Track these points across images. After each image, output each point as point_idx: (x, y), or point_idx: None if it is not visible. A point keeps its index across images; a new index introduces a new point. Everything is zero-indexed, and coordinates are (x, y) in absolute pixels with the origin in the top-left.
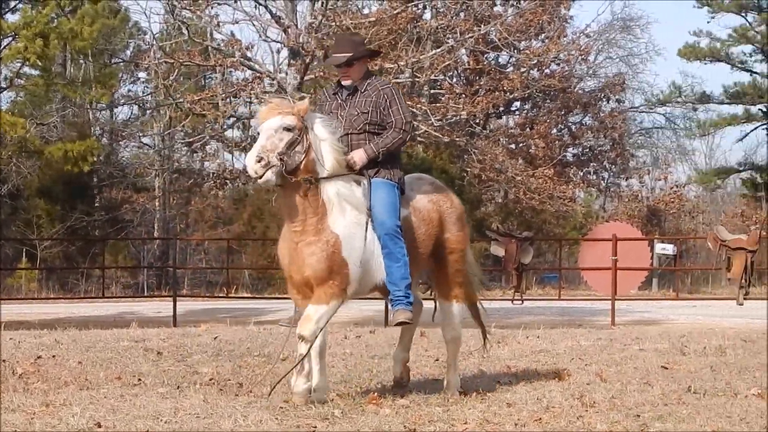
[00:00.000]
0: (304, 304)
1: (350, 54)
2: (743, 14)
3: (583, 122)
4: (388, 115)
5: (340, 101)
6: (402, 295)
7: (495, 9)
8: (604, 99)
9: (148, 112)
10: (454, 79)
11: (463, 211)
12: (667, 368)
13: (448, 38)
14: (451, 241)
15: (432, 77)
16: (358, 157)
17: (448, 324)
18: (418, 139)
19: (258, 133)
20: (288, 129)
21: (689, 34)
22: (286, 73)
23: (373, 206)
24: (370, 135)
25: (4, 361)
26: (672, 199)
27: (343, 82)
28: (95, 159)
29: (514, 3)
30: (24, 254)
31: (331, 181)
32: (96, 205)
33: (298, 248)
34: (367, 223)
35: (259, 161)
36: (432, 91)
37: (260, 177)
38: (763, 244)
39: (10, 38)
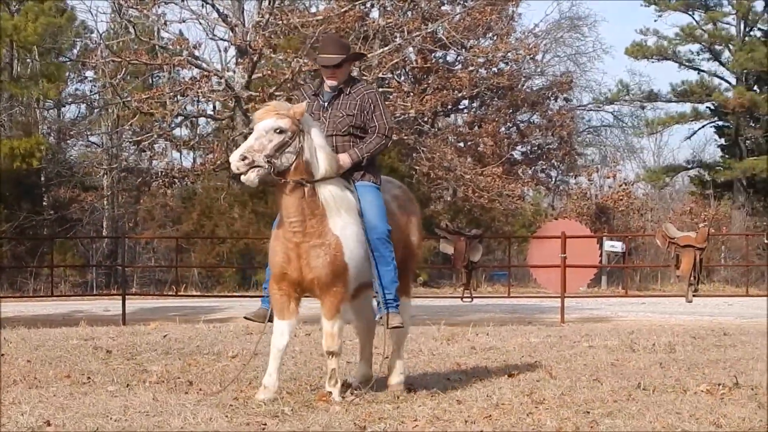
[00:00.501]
0: (281, 301)
1: (343, 56)
2: (690, 13)
3: (532, 120)
4: (371, 120)
5: (322, 102)
6: (392, 299)
7: (443, 7)
8: (552, 97)
9: (95, 111)
10: (402, 78)
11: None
12: (616, 365)
13: (396, 37)
14: (414, 245)
15: (380, 75)
16: (343, 160)
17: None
18: None
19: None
20: (280, 131)
21: (636, 32)
22: (234, 72)
23: (364, 210)
24: (354, 138)
25: None
26: (620, 197)
27: (329, 83)
28: (43, 155)
29: (462, 1)
30: None
31: (325, 184)
32: (44, 204)
33: (300, 249)
34: (358, 226)
35: (242, 159)
36: (380, 90)
37: (243, 174)
38: (712, 242)
39: None
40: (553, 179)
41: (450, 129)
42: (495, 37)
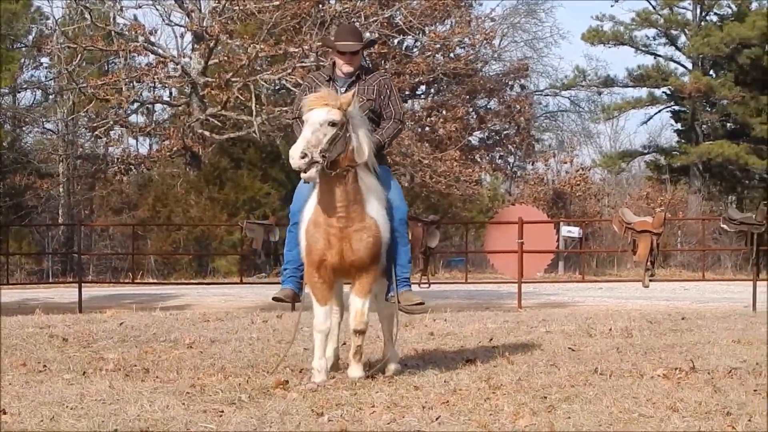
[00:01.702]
0: (321, 288)
1: (361, 43)
2: None
3: (489, 106)
4: (388, 106)
5: (338, 88)
6: (407, 277)
7: None
8: (509, 83)
9: (51, 97)
10: (361, 59)
11: None
12: (573, 350)
13: (353, 22)
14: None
15: None
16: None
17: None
18: None
19: (303, 123)
20: (332, 124)
21: (592, 18)
22: (190, 58)
23: (389, 194)
24: (371, 122)
25: None
26: (577, 182)
27: (346, 69)
28: None
29: None
30: None
31: (361, 169)
32: None
33: (343, 234)
34: (384, 209)
35: (303, 157)
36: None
37: (304, 172)
38: (668, 227)
39: None
40: (511, 165)
41: (407, 115)
42: (452, 23)
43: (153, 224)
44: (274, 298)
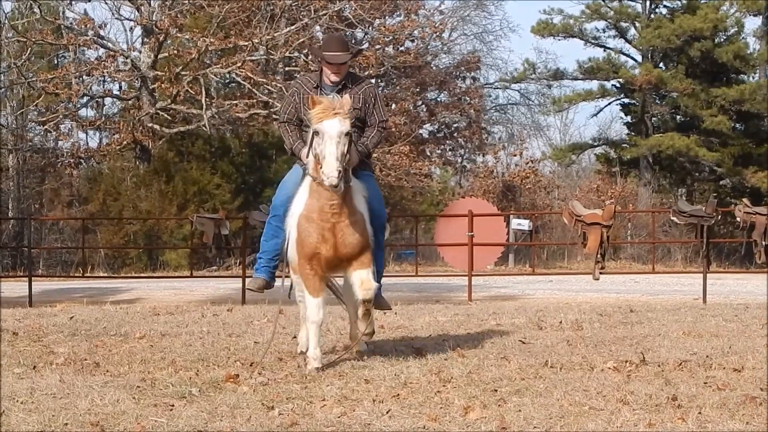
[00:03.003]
0: (313, 280)
1: (350, 54)
2: None
3: (439, 99)
4: (372, 114)
5: (326, 95)
6: (379, 285)
7: None
8: (459, 76)
9: (0, 91)
10: (310, 57)
11: None
12: (524, 343)
13: (303, 15)
14: None
15: (287, 54)
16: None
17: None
18: (274, 116)
19: (318, 135)
20: (347, 134)
21: (540, 12)
22: (140, 51)
23: (370, 199)
24: (355, 129)
25: None
26: (527, 175)
27: (333, 79)
28: None
29: None
30: None
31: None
32: None
33: (336, 228)
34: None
35: (340, 177)
36: (287, 69)
37: (335, 187)
38: (618, 219)
39: None
40: (461, 158)
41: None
42: (402, 15)
43: (103, 218)
44: (248, 289)
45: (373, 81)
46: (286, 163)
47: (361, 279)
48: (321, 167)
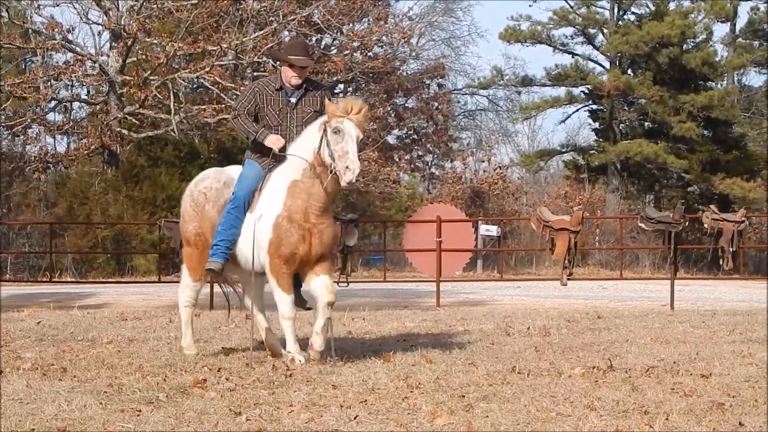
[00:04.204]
0: (289, 279)
1: (313, 60)
2: None
3: (407, 105)
4: (323, 112)
5: (289, 98)
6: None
7: None
8: (427, 82)
9: None
10: (278, 62)
11: None
12: (491, 349)
13: (271, 20)
14: None
15: (255, 59)
16: None
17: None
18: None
19: (337, 133)
20: (359, 139)
21: (507, 19)
22: (108, 56)
23: None
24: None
25: None
26: (495, 181)
27: (294, 82)
28: None
29: None
30: None
31: None
32: None
33: (315, 229)
34: None
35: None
36: (255, 74)
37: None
38: (586, 225)
39: None
40: (429, 164)
41: None
42: (370, 21)
43: (71, 222)
44: (207, 269)
45: (326, 85)
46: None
47: (326, 284)
48: (338, 163)
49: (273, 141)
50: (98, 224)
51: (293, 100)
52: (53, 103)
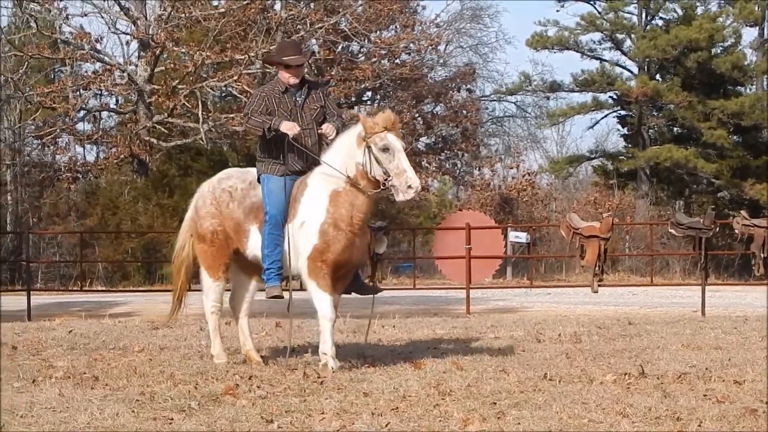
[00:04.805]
0: (331, 281)
1: (306, 57)
2: (591, 2)
3: (435, 112)
4: (330, 108)
5: (296, 98)
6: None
7: None
8: (455, 88)
9: None
10: (306, 70)
11: None
12: (522, 356)
13: (299, 28)
14: None
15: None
16: (331, 129)
17: None
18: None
19: (386, 151)
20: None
21: (534, 24)
22: (136, 65)
23: None
24: (319, 126)
25: None
26: (524, 187)
27: (292, 82)
28: None
29: None
30: None
31: None
32: None
33: (356, 238)
34: None
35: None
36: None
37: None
38: (616, 231)
39: None
40: (458, 170)
41: (354, 121)
42: (398, 28)
43: (101, 232)
44: (271, 297)
45: (321, 80)
46: None
47: (335, 302)
48: (396, 181)
49: (288, 126)
50: (128, 233)
51: (299, 99)
52: (82, 112)
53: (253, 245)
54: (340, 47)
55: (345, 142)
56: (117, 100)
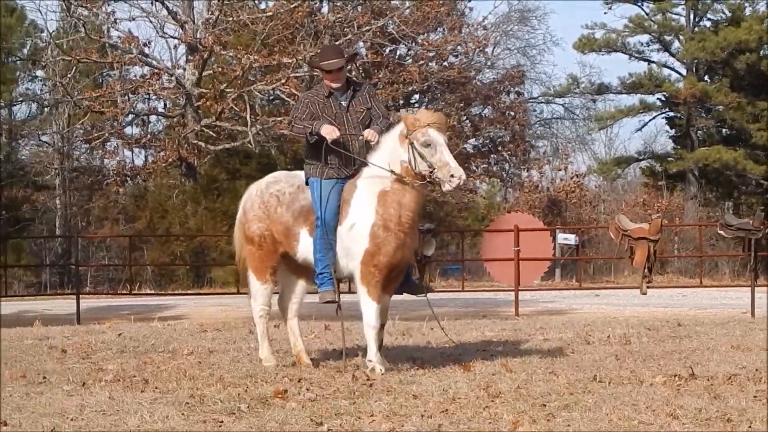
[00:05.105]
0: (379, 288)
1: (344, 59)
2: (639, 4)
3: (484, 114)
4: (376, 109)
5: (340, 102)
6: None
7: (392, 2)
8: (503, 91)
9: (46, 110)
10: (353, 73)
11: None
12: (572, 357)
13: (346, 32)
14: None
15: None
16: (373, 134)
17: None
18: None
19: (428, 146)
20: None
21: (582, 27)
22: (184, 69)
23: None
24: (365, 127)
25: None
26: (573, 189)
27: (334, 85)
28: None
29: None
30: None
31: None
32: None
33: (407, 238)
34: None
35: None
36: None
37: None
38: (665, 233)
39: None
40: (506, 172)
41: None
42: (445, 31)
43: (150, 235)
44: (325, 302)
45: (367, 81)
46: None
47: (386, 305)
48: (439, 174)
49: (328, 131)
50: (177, 236)
51: (344, 103)
52: (130, 116)
53: (304, 248)
54: (387, 50)
55: (389, 141)
56: (165, 104)
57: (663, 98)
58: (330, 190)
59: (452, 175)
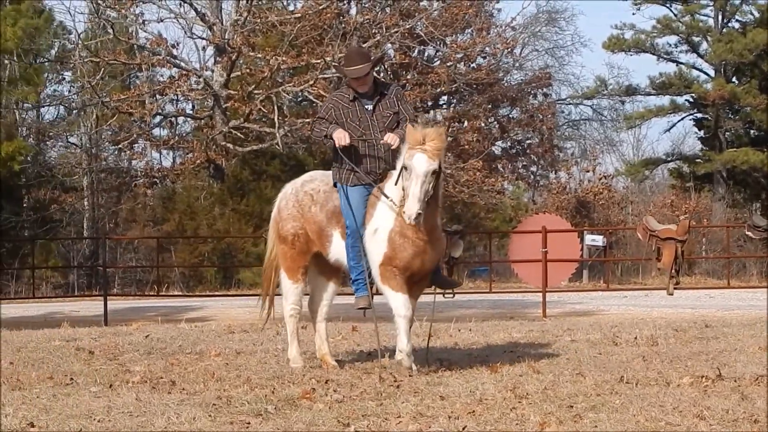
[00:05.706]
0: (404, 282)
1: (369, 64)
2: (667, 5)
3: (511, 116)
4: (403, 112)
5: (365, 106)
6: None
7: (421, 3)
8: (531, 92)
9: (74, 111)
10: (381, 74)
11: None
12: (599, 359)
13: (375, 33)
14: None
15: None
16: (393, 139)
17: None
18: None
19: (406, 170)
20: (434, 173)
21: (611, 27)
22: (213, 71)
23: None
24: (391, 131)
25: None
26: (600, 191)
27: (360, 90)
28: (23, 158)
29: None
30: None
31: None
32: (24, 205)
33: (426, 246)
34: None
35: (419, 215)
36: None
37: (412, 223)
38: (693, 234)
39: None
40: (534, 174)
41: (430, 125)
42: (473, 32)
43: (178, 237)
44: (360, 308)
45: (394, 82)
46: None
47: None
48: (405, 201)
49: (339, 136)
50: (204, 238)
51: (369, 107)
52: (158, 118)
53: (336, 250)
54: (415, 51)
55: (403, 150)
56: (193, 106)
57: (691, 99)
58: (358, 198)
59: (404, 210)
